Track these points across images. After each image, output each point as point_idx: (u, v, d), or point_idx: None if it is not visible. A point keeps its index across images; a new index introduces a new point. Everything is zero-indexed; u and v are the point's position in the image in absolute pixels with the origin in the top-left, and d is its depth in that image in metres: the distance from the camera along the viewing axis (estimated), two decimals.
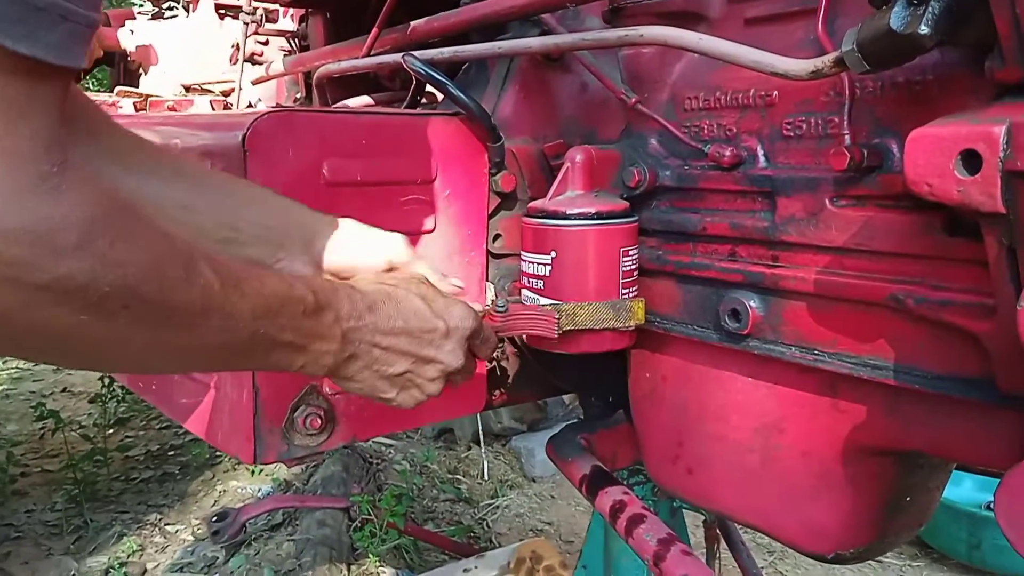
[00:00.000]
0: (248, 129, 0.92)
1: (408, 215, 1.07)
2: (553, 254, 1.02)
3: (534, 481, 3.46)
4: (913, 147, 0.65)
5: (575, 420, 1.44)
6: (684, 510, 1.58)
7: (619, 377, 1.23)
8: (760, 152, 0.95)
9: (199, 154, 1.03)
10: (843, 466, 0.94)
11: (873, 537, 0.99)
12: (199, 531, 2.97)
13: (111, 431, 3.79)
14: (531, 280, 1.05)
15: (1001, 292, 0.68)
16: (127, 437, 3.83)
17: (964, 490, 2.76)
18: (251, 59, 2.23)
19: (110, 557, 2.83)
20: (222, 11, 2.48)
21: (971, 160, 0.62)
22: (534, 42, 1.07)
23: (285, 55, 2.00)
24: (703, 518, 1.72)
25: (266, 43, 2.27)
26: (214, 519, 2.33)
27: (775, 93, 0.92)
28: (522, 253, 1.07)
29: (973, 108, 0.68)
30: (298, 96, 1.99)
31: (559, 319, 0.97)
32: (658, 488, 1.40)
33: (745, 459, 1.04)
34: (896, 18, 0.64)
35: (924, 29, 0.63)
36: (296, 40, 2.05)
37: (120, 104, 2.17)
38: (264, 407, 0.98)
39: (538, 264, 1.03)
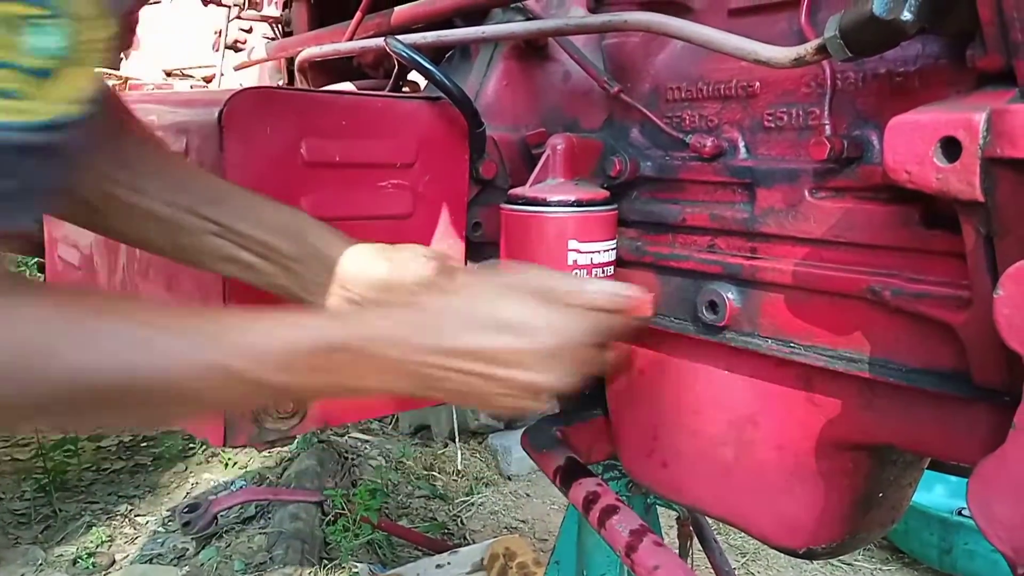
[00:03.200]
0: (225, 105, 0.90)
1: (386, 199, 1.06)
2: (532, 241, 1.01)
3: (510, 479, 3.45)
4: (892, 134, 0.65)
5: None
6: (659, 508, 1.57)
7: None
8: (741, 143, 0.94)
9: (175, 131, 1.02)
10: (817, 460, 0.94)
11: (845, 533, 0.99)
12: (170, 523, 2.94)
13: None
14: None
15: (978, 282, 0.67)
16: (99, 427, 3.78)
17: (936, 496, 2.78)
18: (234, 46, 2.21)
19: (78, 547, 2.79)
20: None
21: (950, 148, 0.62)
22: (517, 27, 1.06)
23: (268, 41, 1.98)
24: (676, 515, 1.72)
25: (249, 30, 2.25)
26: (185, 510, 2.31)
27: (757, 84, 0.92)
28: (502, 240, 1.06)
29: (956, 98, 0.68)
30: (281, 83, 1.97)
31: None
32: (632, 483, 1.40)
33: (719, 452, 1.03)
34: (879, 4, 0.64)
35: (907, 15, 0.63)
36: (280, 27, 2.03)
37: None
38: None
39: (517, 251, 1.02)
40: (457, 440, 3.61)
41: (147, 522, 3.01)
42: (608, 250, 1.03)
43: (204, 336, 0.62)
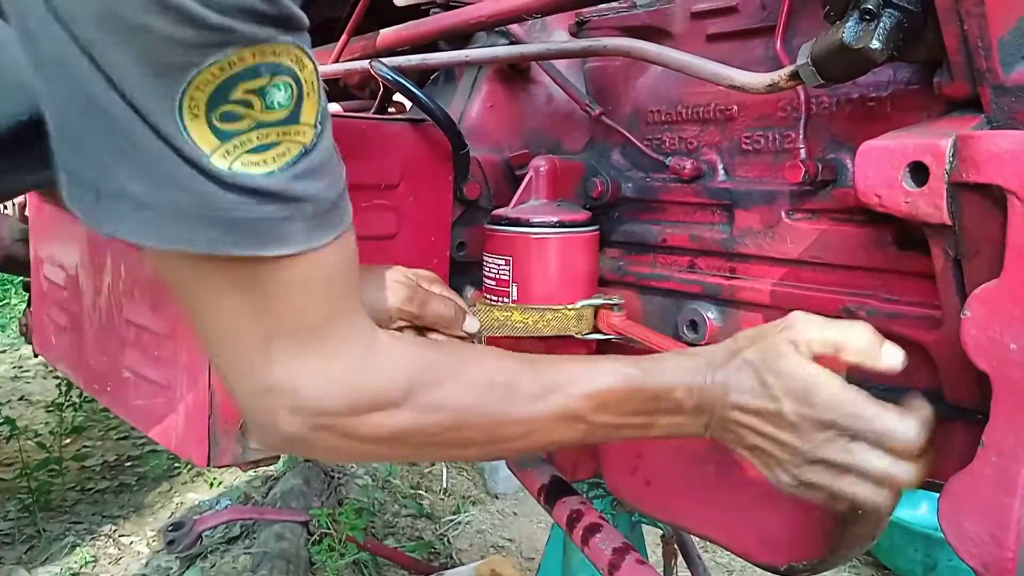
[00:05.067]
0: None
1: (371, 219, 1.06)
2: (514, 261, 1.02)
3: (496, 498, 3.44)
4: (863, 159, 0.67)
5: None
6: (644, 526, 1.58)
7: None
8: (720, 165, 0.96)
9: None
10: None
11: (826, 549, 1.00)
12: (154, 543, 2.92)
13: (68, 440, 3.72)
14: (493, 287, 1.05)
15: (947, 303, 0.69)
16: (84, 447, 3.75)
17: (920, 512, 2.80)
18: None
19: (62, 568, 2.77)
20: None
21: (918, 172, 0.64)
22: (500, 51, 1.08)
23: None
24: (661, 534, 1.73)
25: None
26: (170, 528, 2.29)
27: (734, 108, 0.94)
28: (484, 260, 1.07)
29: (925, 124, 0.69)
30: None
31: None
32: (618, 501, 1.40)
33: (701, 470, 1.04)
34: (849, 33, 0.66)
35: (875, 44, 0.65)
36: None
37: None
38: (219, 409, 0.97)
39: (499, 271, 1.04)
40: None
41: (131, 542, 2.98)
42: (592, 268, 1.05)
43: (549, 381, 0.72)
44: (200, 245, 0.54)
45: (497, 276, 1.04)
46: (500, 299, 1.04)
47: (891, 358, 0.70)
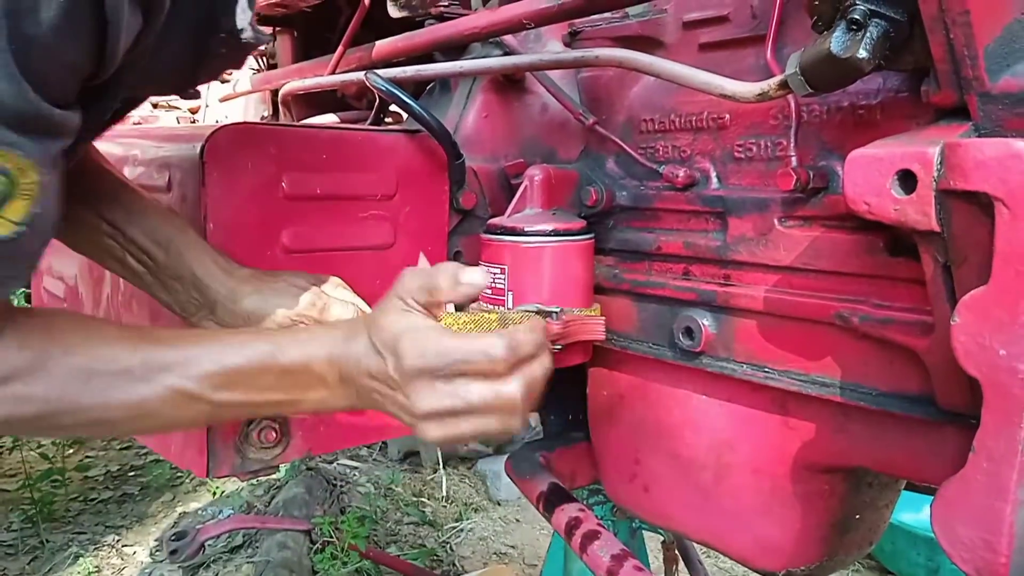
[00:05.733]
0: (206, 141, 0.92)
1: (367, 230, 1.07)
2: (510, 270, 1.03)
3: (499, 504, 3.44)
4: (852, 167, 0.67)
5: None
6: (644, 532, 1.58)
7: (578, 395, 1.24)
8: (713, 173, 0.97)
9: (158, 166, 1.03)
10: (793, 483, 0.96)
11: (823, 555, 1.00)
12: (157, 552, 2.92)
13: (70, 451, 3.73)
14: (489, 296, 1.05)
15: (938, 309, 0.70)
16: (87, 457, 3.76)
17: (923, 516, 2.79)
18: (219, 78, 2.23)
19: None
20: None
21: (907, 180, 0.64)
22: (494, 62, 1.09)
23: (253, 73, 2.00)
24: (662, 539, 1.73)
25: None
26: (172, 538, 2.28)
27: (727, 116, 0.95)
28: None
29: (913, 132, 0.70)
30: (265, 114, 2.00)
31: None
32: (617, 508, 1.41)
33: (699, 476, 1.05)
34: (836, 43, 0.67)
35: (863, 53, 0.66)
36: (264, 59, 2.06)
37: None
38: None
39: (496, 280, 1.04)
40: (442, 467, 3.60)
41: (135, 552, 2.98)
42: (587, 276, 1.05)
43: (159, 363, 0.71)
44: None
45: (493, 285, 1.04)
46: (501, 308, 1.04)
47: (471, 278, 0.72)
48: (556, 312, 1.01)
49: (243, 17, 0.76)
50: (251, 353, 0.73)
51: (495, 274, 1.05)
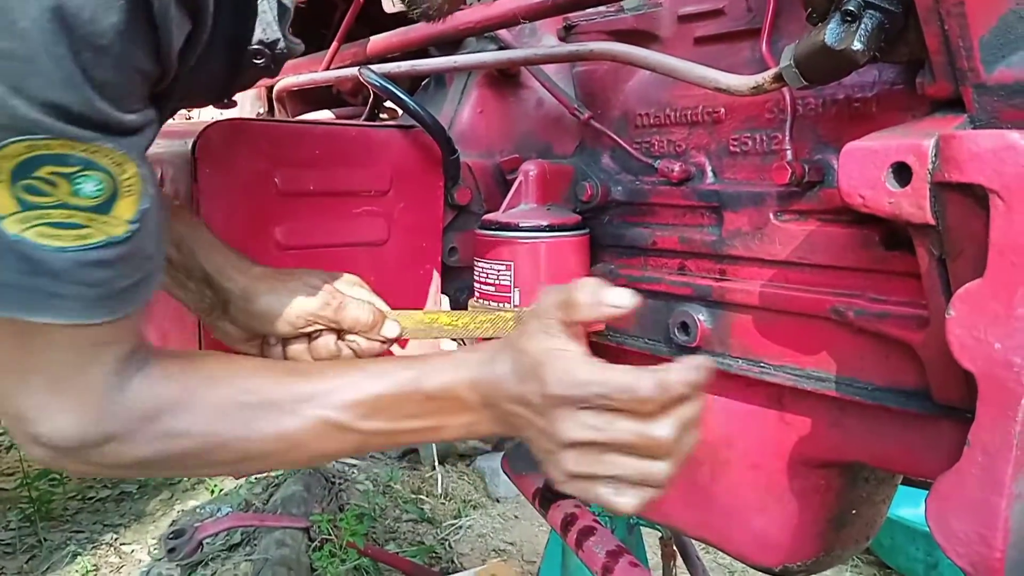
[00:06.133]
0: (198, 137, 0.92)
1: (361, 226, 1.07)
2: (505, 266, 1.02)
3: (498, 501, 3.44)
4: (846, 159, 0.67)
5: None
6: (642, 528, 1.58)
7: None
8: (708, 167, 0.96)
9: (151, 162, 1.03)
10: (789, 479, 0.95)
11: (820, 550, 1.00)
12: (155, 551, 2.92)
13: None
14: (485, 291, 1.05)
15: (933, 302, 0.69)
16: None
17: (922, 511, 2.79)
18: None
19: None
20: None
21: (901, 172, 0.64)
22: (488, 57, 1.08)
23: None
24: (660, 535, 1.73)
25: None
26: (170, 536, 2.28)
27: (722, 110, 0.94)
28: (475, 265, 1.07)
29: (908, 124, 0.69)
30: (260, 111, 1.99)
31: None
32: None
33: (695, 472, 1.04)
34: (831, 34, 0.66)
35: (857, 45, 0.65)
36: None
37: None
38: None
39: (491, 276, 1.04)
40: (436, 464, 3.60)
41: (133, 550, 2.98)
42: (582, 271, 1.04)
43: (305, 394, 0.72)
44: None
45: (487, 281, 1.04)
46: (492, 303, 1.04)
47: (616, 299, 0.67)
48: None
49: (269, 32, 0.76)
50: (394, 380, 0.72)
51: (500, 271, 1.04)
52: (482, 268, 1.05)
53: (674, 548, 1.71)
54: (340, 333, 0.91)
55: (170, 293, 0.91)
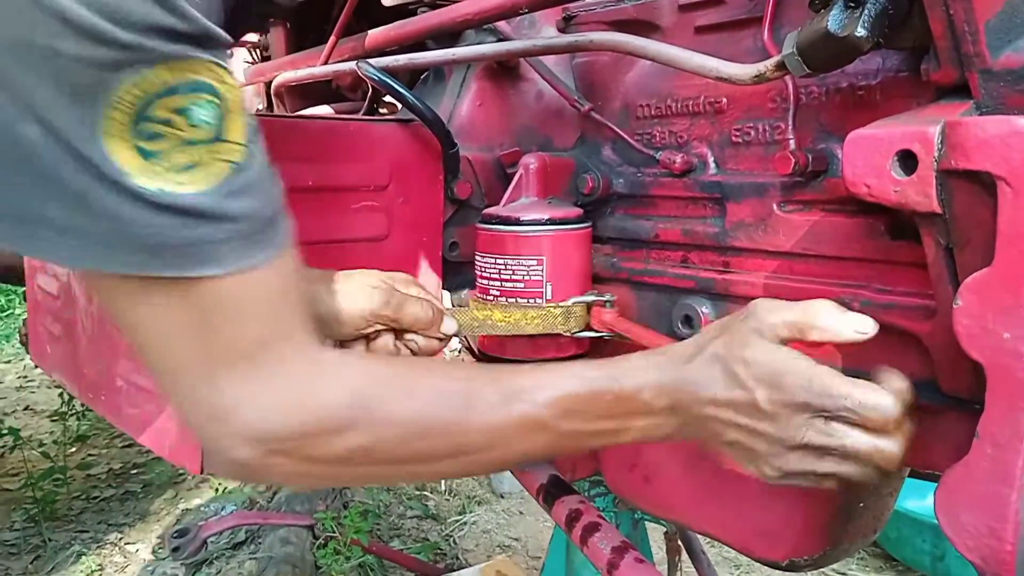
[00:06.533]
0: None
1: (361, 222, 1.06)
2: (506, 260, 1.01)
3: (502, 497, 3.43)
4: (851, 148, 0.66)
5: None
6: (647, 523, 1.57)
7: None
8: (710, 158, 0.95)
9: None
10: None
11: (827, 544, 0.99)
12: (160, 550, 2.92)
13: (72, 449, 3.72)
14: (486, 286, 1.04)
15: (940, 292, 0.68)
16: (89, 455, 3.75)
17: (929, 503, 2.78)
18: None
19: None
20: None
21: (907, 160, 0.63)
22: (486, 49, 1.07)
23: (247, 66, 1.98)
24: (664, 530, 1.72)
25: (229, 55, 2.25)
26: (175, 535, 2.28)
27: (724, 100, 0.93)
28: (476, 259, 1.06)
29: (914, 111, 0.68)
30: (260, 107, 1.98)
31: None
32: (618, 499, 1.39)
33: (700, 466, 1.03)
34: (834, 21, 0.65)
35: (861, 31, 0.64)
36: (258, 51, 2.04)
37: None
38: None
39: (492, 270, 1.03)
40: None
41: (137, 550, 2.98)
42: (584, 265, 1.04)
43: (511, 389, 0.71)
44: (126, 267, 0.54)
45: (487, 275, 1.03)
46: (491, 297, 1.03)
47: (859, 326, 0.68)
48: (609, 300, 1.00)
49: None
50: (589, 380, 0.73)
51: (490, 264, 1.03)
52: (483, 263, 1.04)
53: (679, 543, 1.70)
54: (399, 333, 0.91)
55: None
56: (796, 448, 0.67)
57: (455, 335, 0.94)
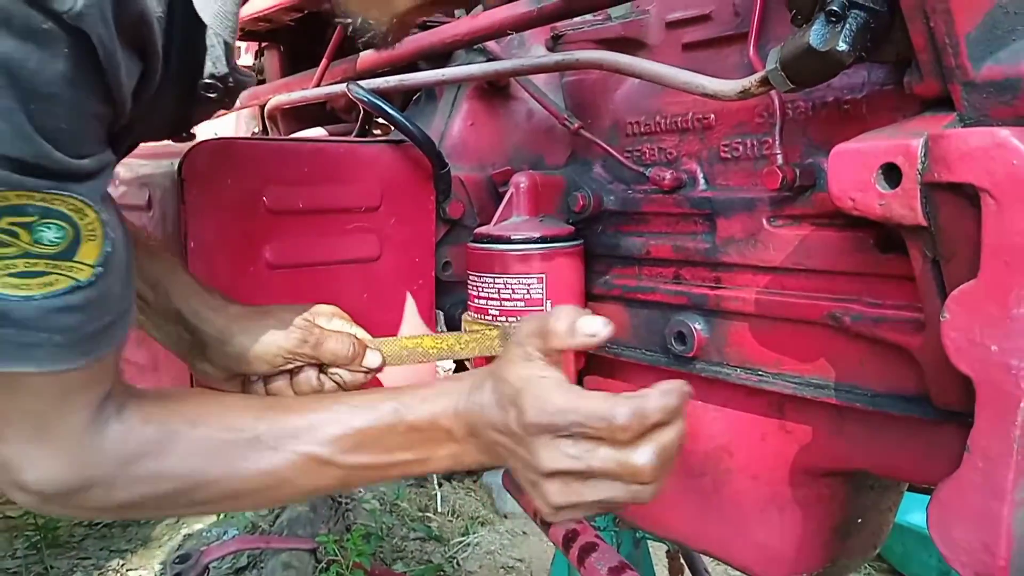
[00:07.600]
0: (183, 158, 0.91)
1: (353, 243, 1.06)
2: (505, 279, 1.01)
3: (506, 517, 3.41)
4: (836, 162, 0.66)
5: None
6: (649, 542, 1.56)
7: None
8: (700, 175, 0.95)
9: (139, 184, 1.02)
10: (793, 488, 0.94)
11: (826, 560, 0.98)
12: None
13: None
14: (483, 306, 1.04)
15: (928, 305, 0.68)
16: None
17: None
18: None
19: None
20: None
21: (891, 174, 0.62)
22: (476, 69, 1.08)
23: None
24: (667, 549, 1.71)
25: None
26: (176, 560, 2.26)
27: (712, 116, 0.93)
28: (468, 279, 1.06)
29: (897, 124, 0.68)
30: (255, 130, 1.99)
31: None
32: (619, 519, 1.39)
33: (697, 484, 1.03)
34: (816, 36, 0.65)
35: (842, 46, 0.64)
36: (253, 75, 2.05)
37: None
38: None
39: (490, 290, 1.03)
40: (441, 481, 3.58)
41: None
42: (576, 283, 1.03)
43: (287, 430, 0.72)
44: None
45: (485, 294, 1.03)
46: (489, 317, 1.03)
47: (589, 329, 0.66)
48: None
49: (219, 66, 0.75)
50: (376, 413, 0.72)
51: (483, 284, 1.03)
52: (476, 282, 1.04)
53: (682, 562, 1.69)
54: (322, 367, 0.90)
55: (148, 334, 0.90)
56: (550, 475, 0.64)
57: (378, 369, 0.91)
